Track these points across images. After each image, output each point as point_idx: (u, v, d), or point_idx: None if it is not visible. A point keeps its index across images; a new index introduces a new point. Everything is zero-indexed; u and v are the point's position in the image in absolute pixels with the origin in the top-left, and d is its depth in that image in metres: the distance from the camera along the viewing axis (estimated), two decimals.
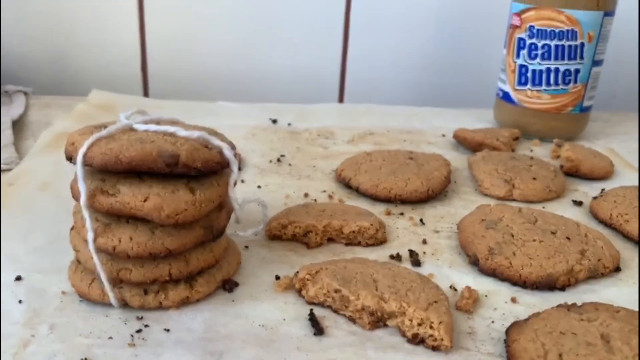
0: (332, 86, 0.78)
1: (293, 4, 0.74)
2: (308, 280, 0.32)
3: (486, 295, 0.33)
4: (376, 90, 0.78)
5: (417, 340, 0.29)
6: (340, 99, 0.79)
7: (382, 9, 0.74)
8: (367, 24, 0.75)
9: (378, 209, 0.43)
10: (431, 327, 0.28)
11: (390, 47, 0.76)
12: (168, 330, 0.29)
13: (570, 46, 0.56)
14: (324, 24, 0.75)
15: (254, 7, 0.73)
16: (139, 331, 0.29)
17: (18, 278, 0.32)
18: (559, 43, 0.56)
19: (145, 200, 0.28)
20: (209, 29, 0.74)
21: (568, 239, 0.37)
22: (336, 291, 0.30)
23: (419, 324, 0.28)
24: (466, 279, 0.35)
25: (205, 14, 0.73)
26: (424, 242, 0.39)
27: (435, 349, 0.28)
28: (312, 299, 0.31)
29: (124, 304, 0.30)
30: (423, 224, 0.42)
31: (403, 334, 0.29)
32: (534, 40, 0.57)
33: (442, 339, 0.28)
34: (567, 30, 0.56)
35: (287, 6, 0.74)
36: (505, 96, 0.62)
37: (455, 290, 0.33)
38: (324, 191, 0.47)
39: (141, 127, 0.30)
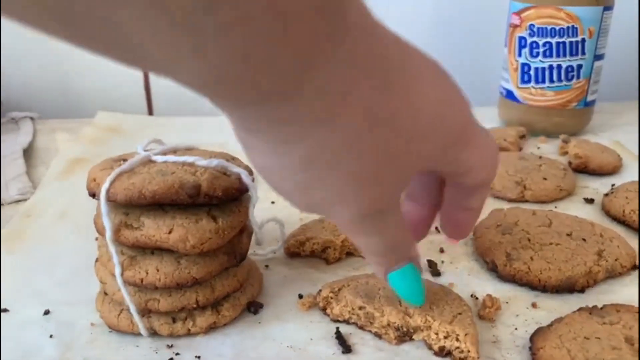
0: None
1: None
2: (331, 298, 0.32)
3: (507, 302, 0.34)
4: None
5: (444, 353, 0.29)
6: None
7: (381, 10, 0.74)
8: None
9: None
10: (457, 340, 0.29)
11: None
12: (199, 357, 0.29)
13: (571, 42, 0.57)
14: None
15: None
16: None
17: (46, 312, 0.33)
18: (560, 40, 0.57)
19: (170, 232, 0.28)
20: None
21: (584, 240, 0.37)
22: (360, 308, 0.31)
23: (445, 337, 0.29)
24: (486, 286, 0.35)
25: None
26: (441, 250, 0.39)
27: None
28: (336, 317, 0.32)
29: (153, 333, 0.31)
30: (438, 231, 0.42)
31: (430, 347, 0.30)
32: (534, 39, 0.58)
33: (468, 351, 0.28)
34: (568, 27, 0.56)
35: None
36: (509, 94, 0.62)
37: (477, 298, 0.34)
38: None
39: (160, 158, 0.31)
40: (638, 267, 0.37)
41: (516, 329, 0.32)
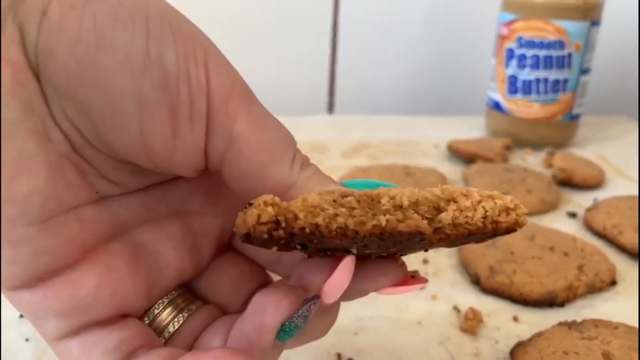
0: (321, 96, 0.79)
1: (278, 14, 0.74)
2: (274, 206, 0.16)
3: (489, 315, 0.34)
4: (367, 99, 0.79)
5: (488, 223, 0.18)
6: (330, 109, 0.79)
7: (373, 19, 0.74)
8: (356, 32, 0.75)
9: None
10: (494, 200, 0.18)
11: (381, 56, 0.77)
12: None
13: (558, 56, 0.57)
14: (310, 33, 0.75)
15: (238, 17, 0.73)
16: None
17: (22, 315, 0.32)
18: (548, 53, 0.57)
19: None
20: None
21: (565, 254, 0.37)
22: (346, 195, 0.17)
23: (481, 201, 0.18)
24: (469, 298, 0.35)
25: None
26: (425, 261, 0.39)
27: (510, 229, 0.18)
28: (305, 227, 0.16)
29: None
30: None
31: (464, 226, 0.18)
32: (522, 51, 0.58)
33: (515, 206, 0.18)
34: (555, 41, 0.57)
35: (273, 16, 0.74)
36: (496, 105, 0.63)
37: (459, 311, 0.34)
38: None
39: None
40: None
41: (497, 342, 0.32)
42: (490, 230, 0.18)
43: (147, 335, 0.18)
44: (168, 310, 0.20)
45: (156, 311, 0.19)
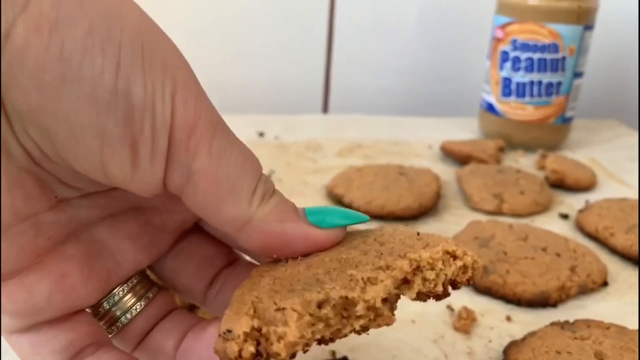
0: (316, 95, 0.79)
1: (274, 13, 0.74)
2: (260, 329, 0.17)
3: (482, 315, 0.34)
4: (362, 98, 0.79)
5: (449, 288, 0.19)
6: (325, 108, 0.79)
7: (367, 17, 0.75)
8: (351, 32, 0.76)
9: (371, 226, 0.44)
10: (454, 258, 0.19)
11: (376, 56, 0.77)
12: None
13: (552, 59, 0.58)
14: (306, 33, 0.75)
15: (234, 16, 0.73)
16: None
17: None
18: (542, 56, 0.58)
19: None
20: (188, 41, 0.74)
21: (558, 255, 0.38)
22: (322, 304, 0.17)
23: (441, 263, 0.19)
24: (462, 297, 0.36)
25: (184, 27, 0.73)
26: None
27: (468, 281, 0.19)
28: (292, 348, 0.17)
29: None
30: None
31: (428, 295, 0.19)
32: (517, 53, 0.59)
33: (474, 261, 0.19)
34: (549, 44, 0.57)
35: (268, 15, 0.74)
36: (490, 107, 0.63)
37: (452, 310, 0.34)
38: None
39: None
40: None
41: (490, 341, 0.32)
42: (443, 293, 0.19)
43: (96, 332, 0.19)
44: (126, 298, 0.20)
45: (112, 300, 0.20)
